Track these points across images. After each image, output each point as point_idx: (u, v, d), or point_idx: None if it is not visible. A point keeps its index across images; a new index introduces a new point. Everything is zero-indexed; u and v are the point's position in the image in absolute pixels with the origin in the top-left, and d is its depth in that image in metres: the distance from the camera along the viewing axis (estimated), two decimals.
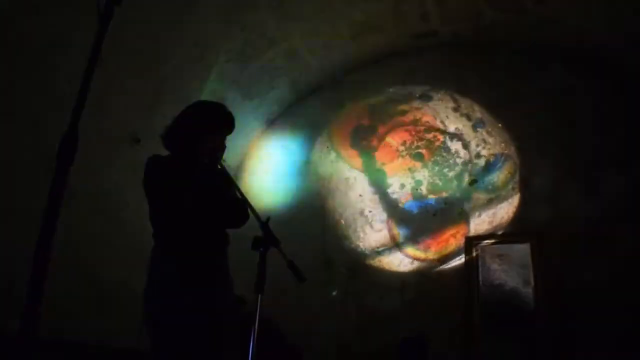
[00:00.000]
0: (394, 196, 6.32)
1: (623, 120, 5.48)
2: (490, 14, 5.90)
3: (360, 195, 6.46)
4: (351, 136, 6.79)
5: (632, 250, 4.94)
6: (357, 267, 6.13)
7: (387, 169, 6.46)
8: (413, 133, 6.48)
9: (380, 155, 6.56)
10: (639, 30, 4.97)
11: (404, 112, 6.61)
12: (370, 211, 6.34)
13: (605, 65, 5.69)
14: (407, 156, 6.42)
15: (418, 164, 6.34)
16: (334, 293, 6.03)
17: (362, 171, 6.58)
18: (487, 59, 6.35)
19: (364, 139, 6.71)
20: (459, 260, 5.68)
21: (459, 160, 6.16)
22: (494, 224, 5.74)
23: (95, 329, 4.85)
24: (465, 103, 6.34)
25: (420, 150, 6.38)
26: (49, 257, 1.37)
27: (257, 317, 2.52)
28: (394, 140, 6.54)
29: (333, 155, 6.77)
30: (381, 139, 6.62)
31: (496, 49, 6.32)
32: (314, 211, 6.53)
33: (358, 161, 6.64)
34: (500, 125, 6.09)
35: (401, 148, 6.48)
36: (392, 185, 6.37)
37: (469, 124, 6.24)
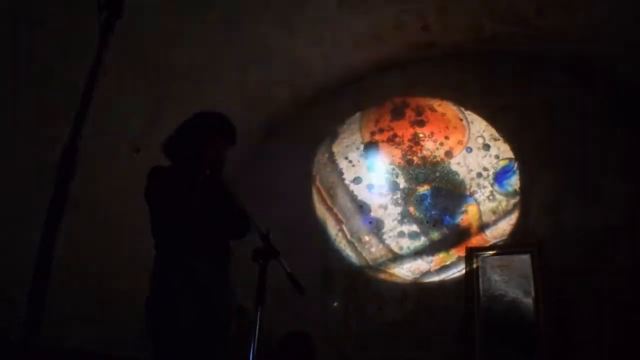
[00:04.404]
0: (395, 207, 6.32)
1: (623, 130, 5.49)
2: (490, 25, 5.93)
3: (360, 206, 6.46)
4: (352, 146, 6.80)
5: (633, 260, 4.94)
6: (358, 278, 6.12)
7: (389, 179, 6.46)
8: (415, 143, 6.49)
9: (381, 166, 6.56)
10: (639, 41, 4.99)
11: (405, 123, 6.63)
12: (370, 222, 6.34)
13: (605, 75, 5.71)
14: (409, 167, 6.42)
15: (420, 175, 6.34)
16: (335, 304, 6.02)
17: (364, 181, 6.58)
18: (487, 69, 6.36)
19: (365, 149, 6.72)
20: (460, 271, 5.67)
21: (461, 171, 6.16)
22: (495, 234, 5.74)
23: (96, 338, 4.84)
24: (466, 113, 6.36)
25: (421, 161, 6.39)
26: (50, 266, 1.38)
27: (257, 328, 2.53)
28: (396, 150, 6.55)
29: (334, 165, 6.77)
30: (383, 149, 6.63)
31: (497, 59, 6.34)
32: (314, 222, 6.53)
33: (359, 172, 6.65)
34: (501, 135, 6.10)
35: (402, 160, 6.48)
36: (394, 196, 6.38)
37: (471, 135, 6.25)
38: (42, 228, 1.43)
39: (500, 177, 5.97)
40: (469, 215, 5.95)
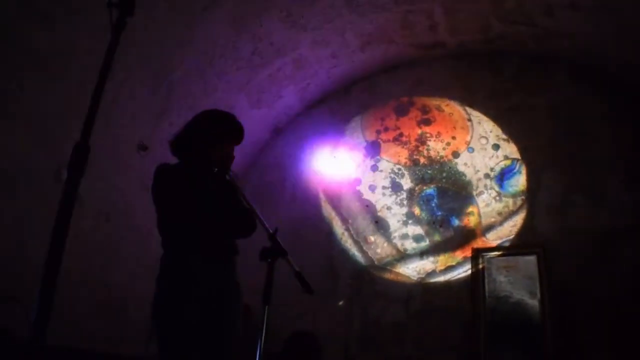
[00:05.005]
0: (401, 207, 6.31)
1: (630, 132, 5.47)
2: (498, 26, 5.91)
3: (367, 206, 6.45)
4: (359, 146, 6.79)
5: (639, 262, 4.92)
6: (363, 277, 6.12)
7: (395, 179, 6.45)
8: (421, 144, 6.48)
9: (388, 166, 6.55)
10: None
11: (411, 122, 6.62)
12: (377, 222, 6.34)
13: (612, 76, 5.69)
14: (415, 167, 6.42)
15: (426, 175, 6.33)
16: (340, 303, 6.02)
17: (370, 181, 6.57)
18: (494, 70, 6.35)
19: (371, 149, 6.71)
20: (466, 271, 5.66)
21: (467, 172, 6.15)
22: (501, 235, 5.73)
23: (103, 336, 4.84)
24: (473, 114, 6.34)
25: (428, 161, 6.38)
26: (59, 266, 1.38)
27: (264, 327, 2.52)
28: (402, 150, 6.54)
29: (340, 165, 6.76)
30: (389, 149, 6.62)
31: (504, 60, 6.33)
32: (321, 222, 6.53)
33: (365, 171, 6.64)
34: (507, 136, 6.08)
35: (408, 161, 6.47)
36: (399, 196, 6.36)
37: (477, 135, 6.23)
38: (52, 227, 1.43)
39: (502, 177, 5.95)
40: (475, 216, 5.93)
